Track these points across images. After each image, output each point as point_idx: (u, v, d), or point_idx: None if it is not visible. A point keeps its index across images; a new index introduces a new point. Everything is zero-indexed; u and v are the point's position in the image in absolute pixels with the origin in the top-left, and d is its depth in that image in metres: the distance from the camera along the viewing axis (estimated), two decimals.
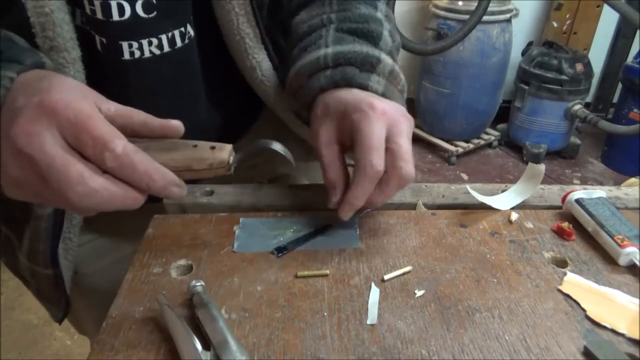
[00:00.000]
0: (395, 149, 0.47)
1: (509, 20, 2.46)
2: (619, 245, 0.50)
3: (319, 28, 0.58)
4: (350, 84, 0.53)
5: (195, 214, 0.57)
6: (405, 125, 0.49)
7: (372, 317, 0.44)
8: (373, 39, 0.56)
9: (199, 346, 0.38)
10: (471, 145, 2.69)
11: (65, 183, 0.36)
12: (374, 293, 0.46)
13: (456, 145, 2.66)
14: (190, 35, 0.57)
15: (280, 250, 0.51)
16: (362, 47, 0.54)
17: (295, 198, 0.60)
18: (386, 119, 0.48)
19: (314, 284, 0.47)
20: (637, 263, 0.49)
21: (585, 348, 0.41)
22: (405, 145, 0.48)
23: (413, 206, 0.60)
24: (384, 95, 0.53)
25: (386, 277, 0.48)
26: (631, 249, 0.50)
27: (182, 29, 0.56)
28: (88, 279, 0.67)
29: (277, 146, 0.48)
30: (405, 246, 0.53)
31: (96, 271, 0.67)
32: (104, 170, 0.38)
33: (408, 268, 0.49)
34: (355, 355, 0.40)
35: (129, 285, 0.47)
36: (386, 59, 0.55)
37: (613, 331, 0.43)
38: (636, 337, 0.42)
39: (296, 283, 0.48)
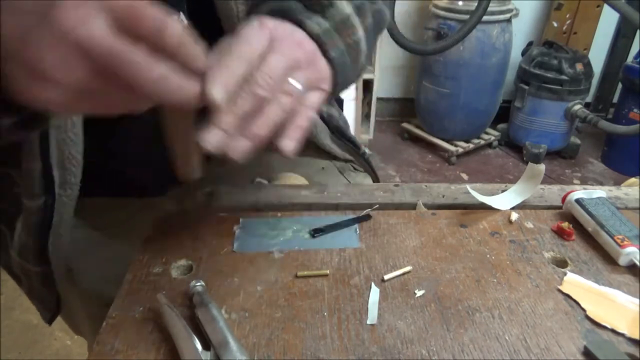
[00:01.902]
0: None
1: (509, 20, 2.46)
2: (619, 245, 0.50)
3: None
4: (284, 16, 0.46)
5: (195, 214, 0.57)
6: (289, 47, 0.42)
7: (372, 317, 0.44)
8: None
9: (199, 346, 0.38)
10: (471, 145, 2.69)
11: (133, 67, 0.32)
12: (374, 293, 0.46)
13: (456, 145, 2.66)
14: (184, 24, 0.57)
15: (317, 231, 0.54)
16: None
17: (295, 198, 0.60)
18: (268, 34, 0.42)
19: (314, 284, 0.47)
20: (637, 263, 0.49)
21: (585, 348, 0.41)
22: (269, 62, 0.40)
23: (413, 206, 0.60)
24: (318, 37, 0.46)
25: (386, 277, 0.48)
26: (631, 249, 0.50)
27: (175, 17, 0.55)
28: (81, 276, 0.67)
29: None
30: (405, 246, 0.53)
31: (89, 267, 0.67)
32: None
33: (408, 268, 0.49)
34: (355, 355, 0.40)
35: (129, 285, 0.47)
36: (344, 6, 0.49)
37: (613, 331, 0.43)
38: (636, 337, 0.42)
39: (296, 283, 0.48)
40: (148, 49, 0.33)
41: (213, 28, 0.59)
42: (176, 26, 0.34)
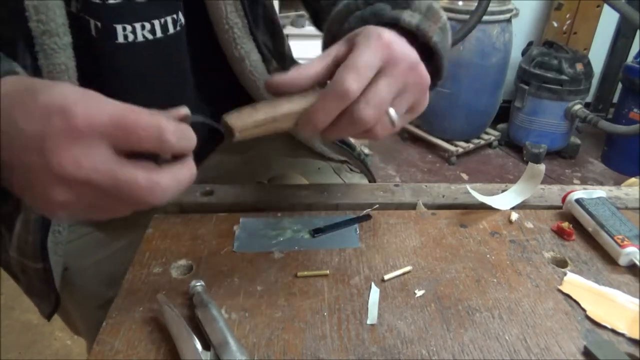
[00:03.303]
0: (367, 88, 0.42)
1: (509, 20, 2.46)
2: (619, 245, 0.50)
3: None
4: (380, 19, 0.48)
5: (195, 214, 0.57)
6: (402, 72, 0.43)
7: (372, 317, 0.44)
8: None
9: (199, 346, 0.38)
10: (471, 145, 2.68)
11: (138, 192, 0.34)
12: (374, 293, 0.46)
13: (456, 145, 2.65)
14: (182, 23, 0.58)
15: (317, 231, 0.54)
16: None
17: (295, 198, 0.60)
18: (386, 53, 0.42)
19: (314, 284, 0.47)
20: (637, 263, 0.49)
21: (585, 348, 0.41)
22: (381, 89, 0.42)
23: (413, 206, 0.60)
24: (417, 28, 0.47)
25: (386, 277, 0.48)
26: (631, 249, 0.50)
27: (174, 15, 0.56)
28: (78, 276, 0.67)
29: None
30: (405, 246, 0.53)
31: (86, 267, 0.67)
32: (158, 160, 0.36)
33: (408, 268, 0.49)
34: (355, 355, 0.40)
35: (129, 285, 0.47)
36: None
37: (613, 331, 0.43)
38: (636, 337, 0.42)
39: (296, 283, 0.47)
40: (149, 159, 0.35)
41: (207, 29, 0.59)
42: (170, 127, 0.35)
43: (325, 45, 0.54)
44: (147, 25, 0.54)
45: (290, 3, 2.68)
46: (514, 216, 0.57)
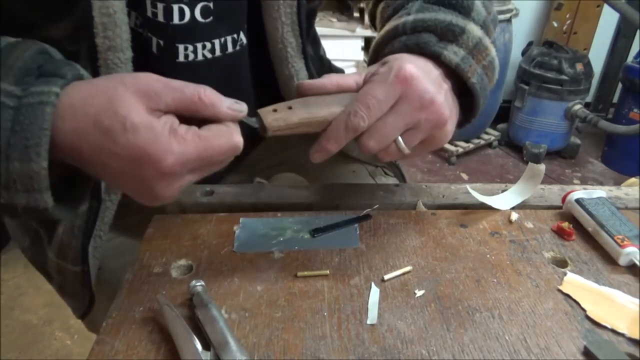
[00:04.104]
0: (375, 122, 0.44)
1: (509, 20, 2.46)
2: (619, 245, 0.50)
3: (404, 6, 0.55)
4: (423, 50, 0.48)
5: (195, 214, 0.57)
6: (414, 110, 0.44)
7: (372, 317, 0.44)
8: (463, 9, 0.51)
9: (199, 346, 0.38)
10: (471, 145, 2.68)
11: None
12: (374, 293, 0.46)
13: (456, 145, 2.65)
14: (243, 43, 0.59)
15: (317, 231, 0.54)
16: (446, 16, 0.50)
17: (295, 198, 0.60)
18: (402, 90, 0.44)
19: (314, 284, 0.47)
20: (637, 263, 0.49)
21: (585, 348, 0.41)
22: (388, 124, 0.44)
23: (413, 206, 0.60)
24: (457, 66, 0.48)
25: (386, 277, 0.48)
26: (631, 249, 0.50)
27: (235, 35, 0.58)
28: (110, 275, 0.68)
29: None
30: (405, 246, 0.53)
31: (118, 267, 0.68)
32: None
33: (408, 268, 0.49)
34: (355, 355, 0.40)
35: (129, 285, 0.47)
36: (474, 30, 0.50)
37: (613, 331, 0.43)
38: (636, 337, 0.42)
39: (296, 283, 0.48)
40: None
41: (262, 47, 0.61)
42: (241, 141, 0.41)
43: (370, 62, 0.55)
44: (208, 45, 0.55)
45: None
46: (514, 216, 0.57)
